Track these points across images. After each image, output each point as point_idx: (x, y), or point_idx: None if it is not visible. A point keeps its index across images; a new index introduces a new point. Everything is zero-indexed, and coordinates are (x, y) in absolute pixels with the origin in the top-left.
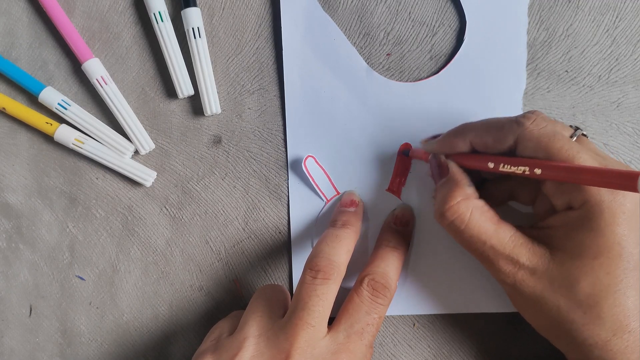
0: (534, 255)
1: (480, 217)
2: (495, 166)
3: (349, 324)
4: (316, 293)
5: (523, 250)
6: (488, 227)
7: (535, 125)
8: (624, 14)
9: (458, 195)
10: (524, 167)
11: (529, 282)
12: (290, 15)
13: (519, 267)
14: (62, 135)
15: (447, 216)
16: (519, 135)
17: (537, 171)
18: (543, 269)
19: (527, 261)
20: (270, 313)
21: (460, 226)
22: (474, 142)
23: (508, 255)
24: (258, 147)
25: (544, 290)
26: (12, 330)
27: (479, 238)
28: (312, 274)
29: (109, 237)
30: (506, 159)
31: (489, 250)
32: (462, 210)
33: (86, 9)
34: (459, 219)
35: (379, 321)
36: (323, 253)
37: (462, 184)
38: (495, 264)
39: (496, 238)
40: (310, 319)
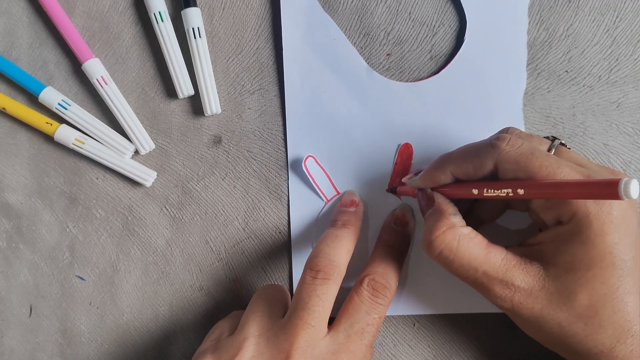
0: (528, 275)
1: (468, 243)
2: (479, 192)
3: (349, 324)
4: (316, 293)
5: (517, 271)
6: (478, 253)
7: (511, 146)
8: (624, 14)
9: (443, 225)
10: (506, 190)
11: (527, 303)
12: (290, 15)
13: (515, 289)
14: (62, 135)
15: (435, 246)
16: (496, 159)
17: (520, 192)
18: (539, 287)
19: (522, 282)
20: (271, 313)
21: (449, 256)
22: (455, 172)
23: (502, 279)
24: (258, 147)
25: (543, 309)
26: (12, 330)
27: (470, 265)
28: (312, 274)
29: (109, 237)
30: (488, 184)
31: (482, 276)
32: (449, 239)
33: (86, 9)
34: (447, 248)
35: (379, 321)
36: (323, 253)
37: (447, 213)
38: (490, 290)
39: (487, 263)
40: (311, 319)
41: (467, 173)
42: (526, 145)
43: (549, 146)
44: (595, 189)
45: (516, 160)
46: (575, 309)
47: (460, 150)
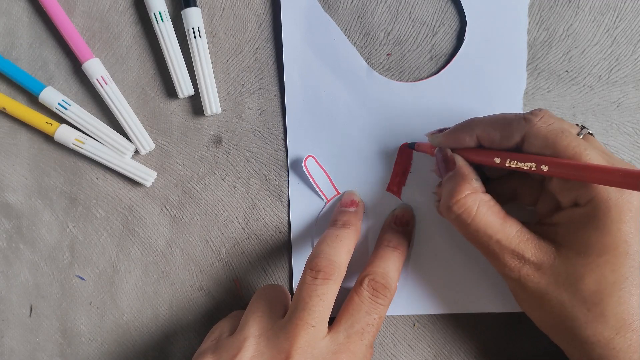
0: (540, 251)
1: (487, 211)
2: (501, 161)
3: (349, 324)
4: (317, 293)
5: (529, 245)
6: (495, 221)
7: (543, 122)
8: (624, 14)
9: (465, 189)
10: (530, 164)
11: (534, 277)
12: (290, 15)
13: (524, 262)
14: (62, 135)
15: (454, 210)
16: (526, 131)
17: (544, 168)
18: (548, 264)
19: (533, 256)
20: (271, 313)
21: (466, 220)
22: (481, 137)
23: (514, 250)
24: (258, 147)
25: (549, 286)
26: (13, 330)
27: (485, 232)
28: (312, 274)
29: (109, 237)
30: (513, 155)
31: (495, 244)
32: (470, 203)
33: (86, 9)
34: (466, 212)
35: (379, 321)
36: (323, 253)
37: (469, 177)
38: (500, 258)
39: (502, 233)
40: (311, 319)
41: (492, 139)
42: (557, 125)
43: (579, 132)
44: (620, 177)
45: (546, 136)
46: (581, 293)
47: (491, 116)
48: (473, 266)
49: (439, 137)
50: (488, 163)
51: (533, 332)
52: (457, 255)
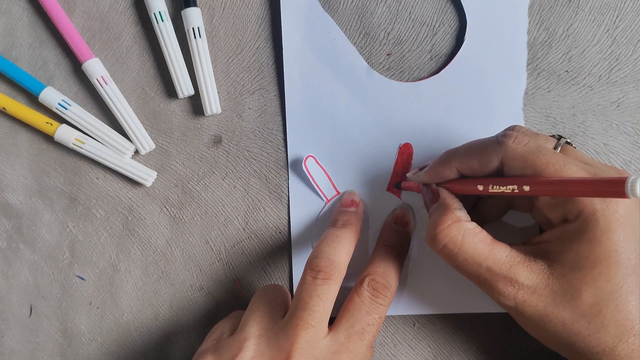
0: (532, 273)
1: (473, 238)
2: (484, 188)
3: (350, 324)
4: (317, 293)
5: (521, 268)
6: (482, 248)
7: (518, 143)
8: (624, 13)
9: (449, 219)
10: (512, 186)
11: (531, 301)
12: (290, 15)
13: (519, 287)
14: (62, 135)
15: (439, 240)
16: (503, 155)
17: (526, 188)
18: (543, 285)
19: (527, 280)
20: (271, 313)
21: (453, 249)
22: (460, 168)
23: (506, 275)
24: (258, 147)
25: (547, 307)
26: (12, 330)
27: (474, 260)
28: (312, 274)
29: (109, 237)
30: (494, 180)
31: (486, 272)
32: (454, 233)
33: (86, 9)
34: (451, 242)
35: (379, 321)
36: (324, 253)
37: (452, 207)
38: (493, 286)
39: (492, 259)
40: (311, 319)
41: (472, 169)
42: (533, 143)
43: (555, 144)
44: (601, 186)
45: (523, 157)
46: (579, 307)
47: (466, 145)
48: None
49: (421, 176)
50: (471, 192)
51: None
52: None
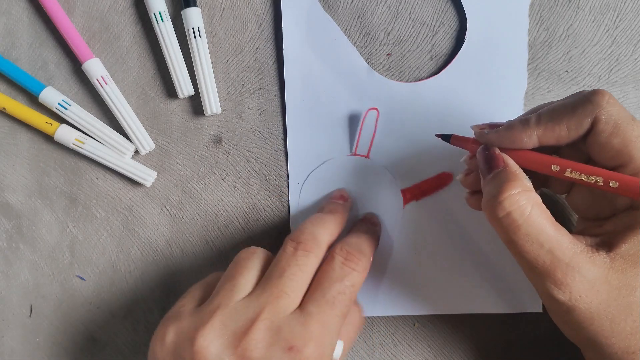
0: (594, 265)
1: (541, 213)
2: (560, 170)
3: (320, 293)
4: (296, 262)
5: (583, 258)
6: (549, 227)
7: (612, 105)
8: (624, 14)
9: (519, 185)
10: (596, 177)
11: (586, 297)
12: (290, 15)
13: (578, 279)
14: (62, 135)
15: (505, 206)
16: (595, 116)
17: (613, 185)
18: (602, 279)
19: (588, 272)
20: (247, 282)
21: (518, 219)
22: (543, 137)
23: (568, 263)
24: (258, 147)
25: (600, 305)
26: (12, 330)
27: (537, 238)
28: (293, 245)
29: (109, 237)
30: (575, 165)
31: (546, 255)
32: (524, 201)
33: (86, 9)
34: (518, 210)
35: (352, 290)
36: (307, 230)
37: (520, 176)
38: (551, 274)
39: (556, 241)
40: (286, 288)
41: (558, 137)
42: (625, 111)
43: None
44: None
45: (616, 122)
46: (632, 305)
47: (550, 108)
48: (473, 267)
49: (490, 135)
50: (543, 170)
51: (532, 333)
52: (457, 256)
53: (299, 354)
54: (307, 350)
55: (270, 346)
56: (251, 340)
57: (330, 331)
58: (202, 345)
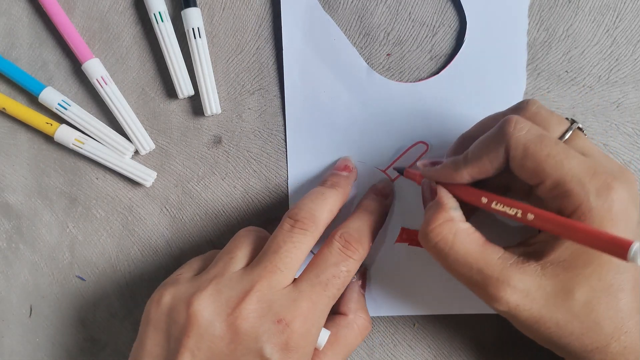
0: (525, 275)
1: (465, 238)
2: (488, 202)
3: (315, 274)
4: (292, 240)
5: (513, 270)
6: (474, 249)
7: (519, 130)
8: (624, 14)
9: (441, 217)
10: (516, 210)
11: (524, 305)
12: (290, 15)
13: (511, 290)
14: (62, 135)
15: (431, 238)
16: (505, 145)
17: (530, 217)
18: (536, 287)
19: (519, 282)
20: (244, 256)
21: (444, 248)
22: (473, 174)
23: (497, 277)
24: (258, 148)
25: (541, 310)
26: (12, 330)
27: (466, 261)
28: (290, 222)
29: (109, 237)
30: (499, 198)
31: (477, 274)
32: (446, 232)
33: (86, 9)
34: (443, 240)
35: (346, 275)
36: (305, 206)
37: (447, 207)
38: (485, 290)
39: (483, 260)
40: (280, 264)
41: (485, 171)
42: (534, 130)
43: (567, 128)
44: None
45: (524, 146)
46: (573, 308)
47: (474, 146)
48: None
49: (430, 171)
50: (475, 203)
51: None
52: None
53: (287, 328)
54: (295, 324)
55: (261, 317)
56: (243, 310)
57: (319, 310)
58: (197, 309)
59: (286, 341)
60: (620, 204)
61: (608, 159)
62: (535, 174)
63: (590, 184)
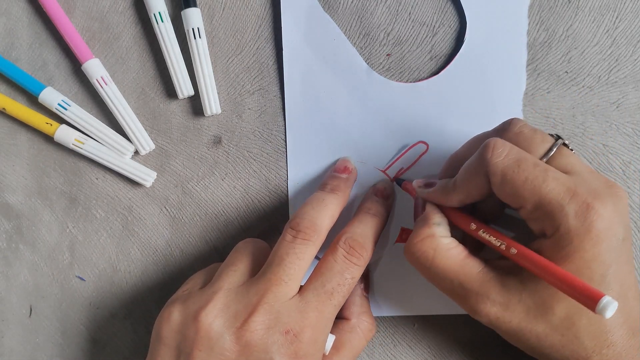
0: (504, 289)
1: (445, 254)
2: (476, 229)
3: (320, 283)
4: (294, 251)
5: (493, 285)
6: (453, 264)
7: (497, 156)
8: (624, 14)
9: (423, 233)
10: (500, 242)
11: (504, 317)
12: (290, 15)
13: (491, 303)
14: (62, 135)
15: (412, 252)
16: (485, 171)
17: (512, 251)
18: (516, 300)
19: (498, 296)
20: (247, 268)
21: (425, 263)
22: (461, 201)
23: (477, 291)
24: (258, 148)
25: (521, 322)
26: (12, 331)
27: (446, 275)
28: (293, 233)
29: (109, 237)
30: (487, 227)
31: (458, 288)
32: (426, 247)
33: (86, 9)
34: (423, 256)
35: (351, 282)
36: (307, 215)
37: (430, 222)
38: (467, 303)
39: (463, 275)
40: (284, 276)
41: (473, 196)
42: (513, 154)
43: (551, 145)
44: (577, 292)
45: (502, 172)
46: (552, 322)
47: (460, 174)
48: None
49: (423, 193)
50: (464, 227)
51: None
52: None
53: (295, 338)
54: (303, 334)
55: (269, 329)
56: (252, 323)
57: (326, 319)
58: (206, 322)
59: (295, 351)
60: (601, 223)
61: (594, 176)
62: (515, 199)
63: (569, 205)
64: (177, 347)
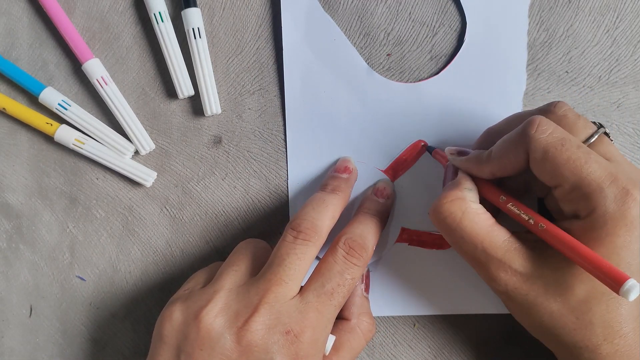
0: (527, 261)
1: (473, 218)
2: (504, 202)
3: (320, 283)
4: (295, 252)
5: (516, 255)
6: (480, 228)
7: (541, 133)
8: (624, 14)
9: (453, 195)
10: (529, 217)
11: (522, 289)
12: (290, 15)
13: (512, 273)
14: (62, 135)
15: (440, 212)
16: (527, 146)
17: (541, 226)
18: (537, 274)
19: (520, 267)
20: (247, 268)
21: (452, 224)
22: (494, 173)
23: (500, 259)
24: (258, 148)
25: (538, 297)
26: (12, 330)
27: (471, 240)
28: (294, 233)
29: (109, 237)
30: (516, 202)
31: (481, 254)
32: (455, 208)
33: (86, 9)
34: (451, 217)
35: (351, 282)
36: (307, 216)
37: (461, 186)
38: (487, 269)
39: (488, 240)
40: (285, 276)
41: (508, 169)
42: (557, 133)
43: (593, 132)
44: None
45: (545, 149)
46: (570, 302)
47: (498, 144)
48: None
49: (456, 160)
50: (493, 200)
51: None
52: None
53: (296, 339)
54: (303, 335)
55: (270, 329)
56: (252, 323)
57: (326, 319)
58: (207, 322)
59: (296, 352)
60: (637, 211)
61: (632, 167)
62: (553, 177)
63: (609, 188)
64: (178, 346)
